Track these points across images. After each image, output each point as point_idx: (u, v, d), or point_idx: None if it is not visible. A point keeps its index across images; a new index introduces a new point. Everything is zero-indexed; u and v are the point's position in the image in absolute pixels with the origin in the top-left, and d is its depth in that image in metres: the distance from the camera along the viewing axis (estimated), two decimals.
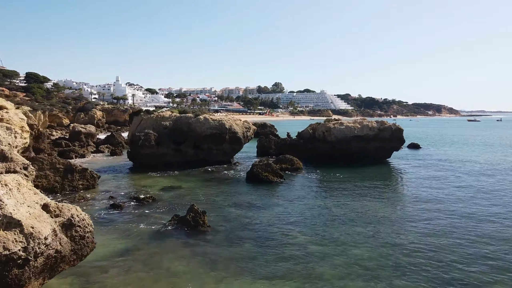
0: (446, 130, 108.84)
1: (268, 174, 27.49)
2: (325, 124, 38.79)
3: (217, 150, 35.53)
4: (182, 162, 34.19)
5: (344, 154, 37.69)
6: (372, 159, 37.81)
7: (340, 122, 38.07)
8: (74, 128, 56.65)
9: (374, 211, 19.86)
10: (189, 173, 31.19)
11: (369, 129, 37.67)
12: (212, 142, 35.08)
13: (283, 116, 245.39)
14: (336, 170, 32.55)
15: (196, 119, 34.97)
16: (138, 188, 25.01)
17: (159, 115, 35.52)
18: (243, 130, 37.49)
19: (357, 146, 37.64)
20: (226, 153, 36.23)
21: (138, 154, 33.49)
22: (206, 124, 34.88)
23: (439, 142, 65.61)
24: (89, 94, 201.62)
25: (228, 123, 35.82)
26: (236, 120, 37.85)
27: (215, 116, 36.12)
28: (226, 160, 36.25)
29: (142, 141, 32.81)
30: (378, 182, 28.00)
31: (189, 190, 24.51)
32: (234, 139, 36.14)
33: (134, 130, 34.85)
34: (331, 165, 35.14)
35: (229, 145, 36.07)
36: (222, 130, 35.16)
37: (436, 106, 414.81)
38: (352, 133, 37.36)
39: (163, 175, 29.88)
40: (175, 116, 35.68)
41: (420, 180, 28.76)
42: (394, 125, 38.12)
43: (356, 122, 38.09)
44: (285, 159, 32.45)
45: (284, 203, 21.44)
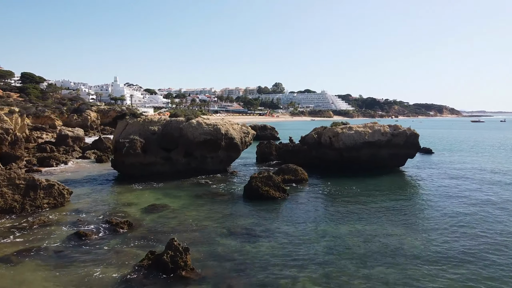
0: (453, 132, 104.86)
1: (269, 189, 23.67)
2: (332, 128, 34.97)
3: (211, 158, 31.75)
4: (172, 172, 30.41)
5: (353, 162, 33.89)
6: (384, 167, 34.04)
7: (349, 127, 34.25)
8: (61, 132, 52.92)
9: (398, 241, 16.06)
10: (179, 185, 27.37)
11: (381, 134, 33.85)
12: (206, 149, 31.30)
13: (284, 117, 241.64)
14: (345, 182, 28.76)
15: (188, 123, 31.17)
16: (116, 207, 21.18)
17: (147, 119, 31.71)
18: (241, 135, 33.71)
19: (368, 153, 33.84)
20: (222, 161, 32.44)
21: (122, 164, 29.70)
22: (199, 129, 31.09)
23: (451, 146, 61.52)
24: (86, 95, 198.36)
25: (224, 127, 32.03)
26: (233, 124, 34.05)
27: (210, 120, 32.35)
28: (221, 169, 32.46)
29: (126, 149, 29.01)
30: (395, 198, 24.19)
31: (175, 211, 20.68)
32: (231, 146, 32.36)
33: (118, 135, 31.05)
34: (339, 175, 31.35)
35: (225, 152, 32.30)
36: (217, 135, 31.37)
37: (437, 106, 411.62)
38: (363, 138, 33.54)
39: (149, 188, 26.07)
40: (165, 120, 31.87)
41: (442, 195, 24.92)
42: (409, 129, 34.29)
43: (367, 126, 34.27)
44: (288, 169, 28.63)
45: (289, 229, 17.60)
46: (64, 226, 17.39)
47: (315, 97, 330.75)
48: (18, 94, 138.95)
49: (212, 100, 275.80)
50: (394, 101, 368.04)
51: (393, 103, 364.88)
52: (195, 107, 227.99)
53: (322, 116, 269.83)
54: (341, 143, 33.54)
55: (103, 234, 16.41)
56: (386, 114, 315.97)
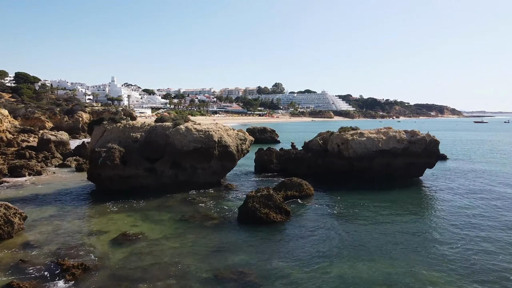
0: (461, 134, 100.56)
1: (269, 211, 19.54)
2: (341, 134, 30.79)
3: (203, 169, 27.62)
4: (157, 186, 26.29)
5: (364, 172, 29.79)
6: (398, 178, 29.96)
7: (360, 132, 30.09)
8: (43, 136, 48.76)
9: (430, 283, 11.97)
10: (162, 204, 23.24)
11: (396, 141, 29.72)
12: (196, 159, 27.18)
13: (284, 118, 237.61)
14: (357, 197, 24.66)
15: (176, 129, 27.03)
16: (79, 238, 17.03)
17: (128, 124, 27.54)
18: (237, 143, 29.59)
19: (381, 163, 29.73)
20: (215, 172, 28.32)
21: (98, 177, 25.57)
22: (188, 136, 26.95)
23: (466, 151, 56.72)
24: (83, 95, 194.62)
25: (217, 134, 27.90)
26: (228, 129, 29.91)
27: (201, 125, 28.20)
28: (214, 181, 28.34)
29: (102, 160, 24.87)
30: (418, 220, 20.08)
31: (152, 243, 16.54)
32: (225, 155, 28.25)
33: (94, 144, 26.92)
34: (348, 188, 27.27)
35: (218, 162, 28.17)
36: (209, 143, 27.24)
37: (438, 107, 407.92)
38: (376, 146, 29.42)
39: (126, 209, 21.92)
40: (149, 126, 27.72)
41: (471, 214, 20.79)
42: (429, 135, 30.15)
43: (380, 132, 30.13)
44: (291, 184, 24.50)
45: (293, 272, 13.46)
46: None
47: (315, 97, 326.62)
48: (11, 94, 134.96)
49: (211, 100, 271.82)
50: (395, 102, 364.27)
51: (394, 103, 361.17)
52: (194, 108, 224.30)
53: (322, 116, 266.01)
54: (351, 151, 29.42)
55: (46, 285, 12.26)
56: (387, 115, 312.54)
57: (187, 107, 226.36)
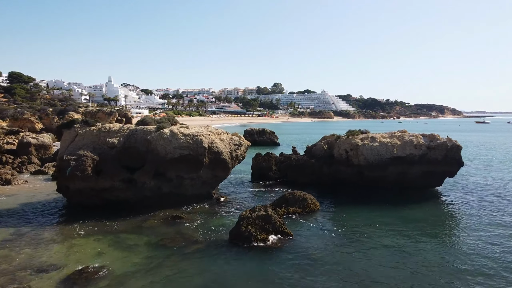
0: (467, 135, 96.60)
1: (267, 235, 15.84)
2: (349, 139, 27.03)
3: (190, 180, 23.87)
4: (138, 199, 22.58)
5: (376, 182, 26.09)
6: (414, 188, 26.28)
7: (371, 137, 26.33)
8: (23, 139, 45.04)
9: None
10: (140, 223, 19.51)
11: (413, 146, 25.99)
12: (183, 168, 23.43)
13: (283, 118, 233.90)
14: (369, 215, 20.95)
15: (159, 134, 23.25)
16: (20, 278, 13.28)
17: (103, 127, 23.77)
18: (231, 148, 25.87)
19: (396, 171, 26.01)
20: (205, 183, 24.58)
21: (67, 190, 21.83)
22: (174, 142, 23.19)
23: (481, 155, 51.60)
24: (79, 95, 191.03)
25: (207, 139, 24.15)
26: (220, 133, 26.17)
27: (189, 129, 24.42)
28: (204, 193, 24.61)
29: (71, 170, 21.13)
30: (440, 246, 16.40)
31: (116, 282, 12.82)
32: (217, 162, 24.51)
33: (63, 150, 23.15)
34: (359, 202, 23.59)
35: (209, 171, 24.43)
36: (198, 149, 23.49)
37: (439, 107, 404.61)
38: (390, 153, 25.69)
39: (95, 231, 18.18)
40: (128, 130, 23.95)
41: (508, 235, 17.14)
42: (450, 140, 26.40)
43: (394, 136, 26.40)
44: (293, 199, 20.76)
45: None
46: None
47: (315, 97, 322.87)
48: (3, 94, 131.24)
49: (210, 100, 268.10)
50: (395, 102, 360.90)
51: (394, 103, 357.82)
52: (192, 108, 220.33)
53: (322, 117, 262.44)
54: (362, 158, 25.69)
55: None
56: (387, 115, 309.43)
57: (185, 107, 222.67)
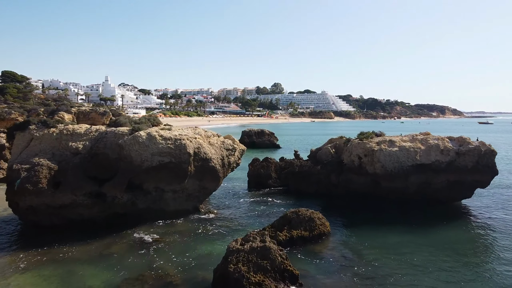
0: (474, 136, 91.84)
1: (264, 277, 11.66)
2: (363, 143, 22.77)
3: (173, 193, 19.70)
4: (107, 217, 18.41)
5: (395, 194, 21.90)
6: (438, 201, 22.14)
7: (390, 140, 22.11)
8: None
9: None
10: (103, 250, 15.32)
11: (440, 152, 21.78)
12: (163, 179, 19.26)
13: (283, 118, 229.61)
14: (391, 239, 16.79)
15: (133, 137, 19.04)
16: None
17: (66, 129, 19.56)
18: (222, 154, 21.68)
19: (418, 181, 21.81)
20: (190, 196, 20.40)
21: (17, 207, 17.64)
22: (152, 147, 18.99)
23: (503, 159, 46.46)
24: (75, 95, 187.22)
25: (193, 143, 19.94)
26: (210, 136, 21.95)
27: (171, 132, 20.21)
28: (190, 208, 20.45)
29: (20, 183, 16.95)
30: (485, 283, 12.26)
31: None
32: (205, 171, 20.35)
33: (14, 158, 18.94)
34: (376, 220, 19.43)
35: (196, 181, 20.26)
36: (181, 156, 19.30)
37: (439, 107, 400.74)
38: (412, 159, 21.49)
39: (42, 262, 14.00)
40: (97, 132, 19.75)
41: None
42: (484, 144, 22.19)
43: (416, 139, 22.20)
44: (298, 219, 16.54)
45: None
46: None
47: (315, 97, 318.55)
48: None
49: (209, 100, 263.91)
50: (395, 102, 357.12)
51: (395, 103, 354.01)
52: (191, 108, 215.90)
53: (322, 117, 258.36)
54: (379, 166, 21.49)
55: None
56: (388, 115, 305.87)
57: (184, 107, 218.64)
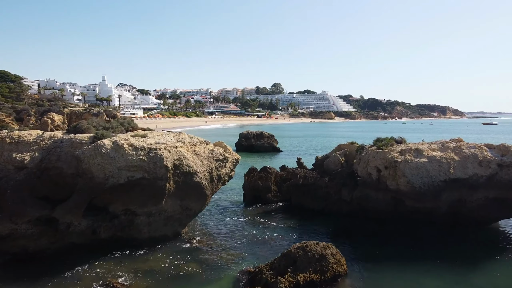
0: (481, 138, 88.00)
1: None
2: (383, 152, 18.56)
3: (147, 216, 15.61)
4: (59, 250, 14.34)
5: (422, 215, 17.81)
6: (471, 222, 18.08)
7: (416, 149, 17.96)
8: None
9: None
10: None
11: (478, 163, 17.68)
12: (134, 199, 15.17)
13: (283, 119, 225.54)
14: (432, 279, 12.75)
15: (94, 147, 14.92)
16: None
17: (10, 137, 15.44)
18: (211, 166, 17.57)
19: (450, 199, 17.74)
20: (170, 219, 16.30)
21: None
22: (119, 159, 14.88)
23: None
24: (71, 95, 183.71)
25: (172, 154, 15.83)
26: (195, 144, 17.81)
27: (146, 139, 16.12)
28: (169, 234, 16.37)
29: None
30: None
31: None
32: (189, 188, 16.26)
33: None
34: (407, 251, 15.40)
35: (176, 201, 16.18)
36: (156, 170, 15.19)
37: (440, 107, 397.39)
38: (445, 173, 17.39)
39: None
40: (50, 141, 15.65)
41: None
42: None
43: (448, 147, 18.09)
44: (306, 257, 12.39)
45: None
46: None
47: (316, 97, 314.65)
48: None
49: (208, 101, 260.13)
50: (396, 102, 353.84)
51: (396, 104, 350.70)
52: (189, 109, 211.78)
53: (323, 117, 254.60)
54: (403, 181, 17.38)
55: None
56: (389, 116, 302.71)
57: (182, 107, 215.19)
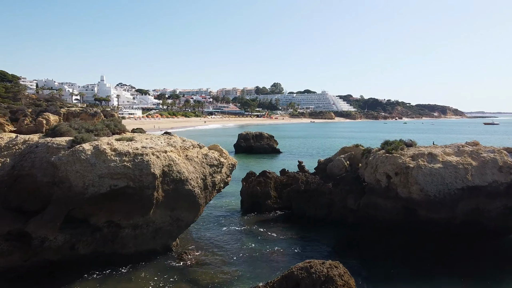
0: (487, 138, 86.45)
1: None
2: (393, 157, 16.97)
3: (133, 229, 14.05)
4: (32, 268, 12.77)
5: (435, 225, 16.25)
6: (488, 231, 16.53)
7: (430, 154, 16.37)
8: None
9: None
10: None
11: (497, 169, 16.11)
12: (118, 210, 13.61)
13: (282, 119, 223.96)
14: None
15: (72, 153, 13.35)
16: None
17: None
18: (205, 172, 16.00)
19: (467, 208, 16.19)
20: (159, 232, 14.73)
21: None
22: (100, 166, 13.31)
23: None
24: (69, 95, 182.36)
25: (161, 159, 14.26)
26: (188, 148, 16.23)
27: (133, 142, 14.56)
28: (158, 248, 14.79)
29: None
30: None
31: None
32: (179, 197, 14.70)
33: None
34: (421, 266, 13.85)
35: (166, 211, 14.62)
36: (142, 178, 13.63)
37: (440, 107, 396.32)
38: (462, 180, 15.82)
39: None
40: (24, 145, 14.09)
41: None
42: None
43: (464, 151, 16.53)
44: (310, 280, 10.63)
45: None
46: None
47: (315, 97, 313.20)
48: None
49: (207, 101, 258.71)
50: (396, 102, 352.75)
51: (396, 104, 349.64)
52: (189, 109, 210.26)
53: (323, 117, 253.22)
54: (416, 189, 15.81)
55: None
56: (389, 116, 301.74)
57: (181, 107, 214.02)
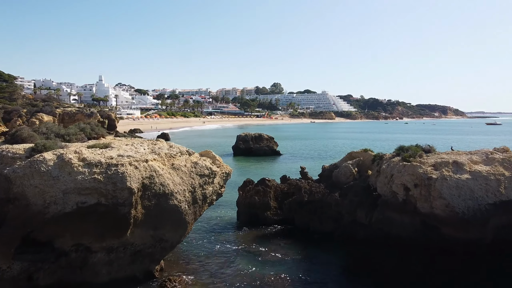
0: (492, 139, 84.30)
1: None
2: (412, 166, 14.53)
3: (106, 253, 11.78)
4: None
5: (460, 245, 13.99)
6: None
7: (455, 162, 14.05)
8: None
9: None
10: None
11: None
12: (87, 231, 11.35)
13: (282, 119, 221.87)
14: None
15: (30, 163, 11.08)
16: None
17: None
18: (194, 183, 13.70)
19: (497, 225, 13.91)
20: (138, 255, 12.45)
21: None
22: (64, 180, 11.04)
23: None
24: (67, 95, 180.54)
25: (140, 170, 11.98)
26: (175, 156, 13.94)
27: (107, 150, 12.29)
28: (138, 274, 12.52)
29: None
30: None
31: None
32: (163, 213, 12.43)
33: None
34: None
35: (148, 231, 12.34)
36: (116, 194, 11.35)
37: (441, 107, 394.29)
38: (494, 193, 13.53)
39: None
40: None
41: None
42: None
43: (495, 161, 14.20)
44: None
45: None
46: None
47: (316, 97, 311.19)
48: None
49: (207, 101, 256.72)
50: (397, 102, 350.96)
51: (396, 104, 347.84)
52: (188, 109, 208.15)
53: (323, 117, 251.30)
54: (440, 203, 13.52)
55: None
56: (390, 116, 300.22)
57: (180, 107, 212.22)
